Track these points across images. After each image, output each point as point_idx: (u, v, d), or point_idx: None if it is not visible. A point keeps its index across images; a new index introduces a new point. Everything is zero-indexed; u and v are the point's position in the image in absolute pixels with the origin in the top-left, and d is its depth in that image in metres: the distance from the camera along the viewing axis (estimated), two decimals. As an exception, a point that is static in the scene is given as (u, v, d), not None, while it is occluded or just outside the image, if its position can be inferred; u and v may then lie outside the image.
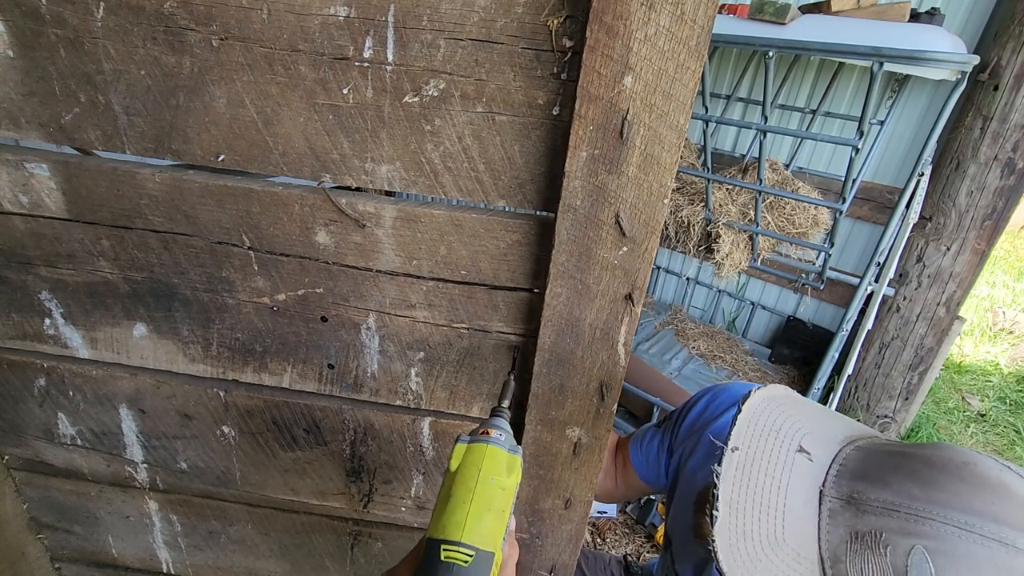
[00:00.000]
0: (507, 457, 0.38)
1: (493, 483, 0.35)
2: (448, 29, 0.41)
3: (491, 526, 0.34)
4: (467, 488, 0.35)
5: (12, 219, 0.54)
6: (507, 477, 0.37)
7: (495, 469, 0.36)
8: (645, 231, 0.43)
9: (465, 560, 0.31)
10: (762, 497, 0.34)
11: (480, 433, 0.39)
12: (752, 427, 0.37)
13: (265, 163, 0.48)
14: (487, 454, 0.37)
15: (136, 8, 0.43)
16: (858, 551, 0.31)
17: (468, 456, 0.37)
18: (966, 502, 0.30)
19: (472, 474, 0.36)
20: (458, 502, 0.34)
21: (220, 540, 0.74)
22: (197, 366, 0.60)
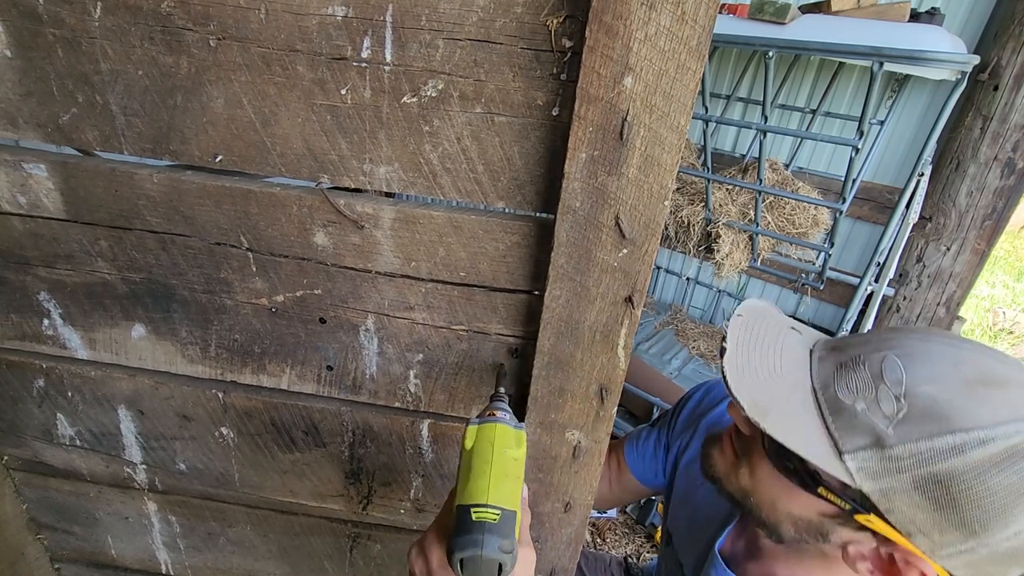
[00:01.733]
0: (514, 432, 0.42)
1: (506, 454, 0.40)
2: (447, 29, 0.41)
3: (511, 489, 0.38)
4: (485, 460, 0.39)
5: (10, 219, 0.54)
6: (517, 449, 0.41)
7: (506, 443, 0.40)
8: (645, 233, 0.43)
9: (494, 518, 0.35)
10: (763, 344, 0.42)
11: (487, 415, 0.43)
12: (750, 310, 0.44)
13: (263, 164, 0.48)
14: (497, 431, 0.41)
15: (133, 8, 0.43)
16: (843, 373, 0.39)
17: (480, 434, 0.41)
18: (920, 331, 0.40)
19: (487, 448, 0.40)
20: (479, 472, 0.38)
21: (219, 541, 0.74)
22: (195, 367, 0.60)
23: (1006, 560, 0.35)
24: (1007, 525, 0.33)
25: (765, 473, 0.43)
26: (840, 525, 0.40)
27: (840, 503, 0.38)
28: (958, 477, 0.33)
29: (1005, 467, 0.32)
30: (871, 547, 0.39)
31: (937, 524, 0.34)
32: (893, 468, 0.34)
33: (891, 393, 0.35)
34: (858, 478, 0.36)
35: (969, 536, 0.34)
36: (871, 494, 0.36)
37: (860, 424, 0.36)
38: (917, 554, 0.36)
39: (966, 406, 0.33)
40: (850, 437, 0.36)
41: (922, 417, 0.34)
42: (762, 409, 0.38)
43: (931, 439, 0.33)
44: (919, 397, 0.34)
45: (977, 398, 0.33)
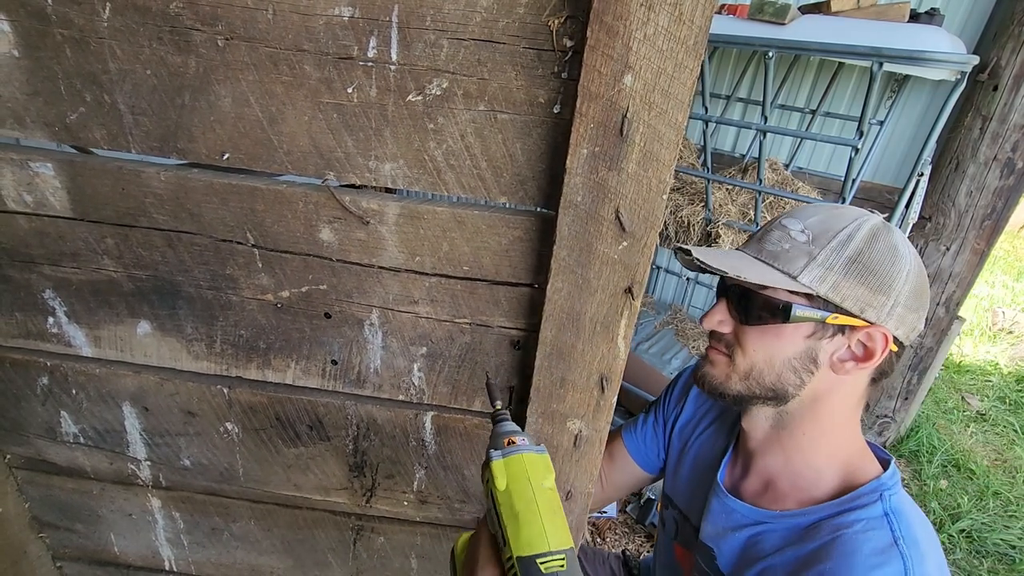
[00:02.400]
0: (541, 459, 0.40)
1: (545, 487, 0.38)
2: (451, 29, 0.42)
3: (561, 526, 0.37)
4: (529, 500, 0.37)
5: (16, 218, 0.54)
6: (550, 477, 0.39)
7: (540, 474, 0.38)
8: (645, 226, 0.44)
9: (562, 565, 0.34)
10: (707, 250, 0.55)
11: (507, 444, 0.41)
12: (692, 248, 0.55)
13: (270, 161, 0.48)
14: (527, 463, 0.39)
15: (142, 8, 0.44)
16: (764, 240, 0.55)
17: (511, 471, 0.39)
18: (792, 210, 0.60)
19: (526, 487, 0.38)
20: (528, 517, 0.36)
21: (223, 537, 0.74)
22: (201, 363, 0.61)
23: (913, 303, 0.51)
24: (899, 273, 0.50)
25: (753, 341, 0.54)
26: (820, 339, 0.52)
27: (813, 316, 0.51)
28: (860, 253, 0.50)
29: (875, 240, 0.51)
30: (846, 347, 0.52)
31: (870, 291, 0.50)
32: (827, 267, 0.50)
33: (797, 230, 0.53)
34: (813, 285, 0.50)
35: (888, 291, 0.50)
36: (827, 295, 0.50)
37: (793, 255, 0.51)
38: (874, 325, 0.50)
39: (836, 218, 0.53)
40: (793, 264, 0.51)
41: (821, 233, 0.52)
42: (737, 269, 0.51)
43: (833, 239, 0.51)
44: (812, 225, 0.53)
45: (835, 215, 0.53)
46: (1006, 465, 2.15)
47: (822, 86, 1.98)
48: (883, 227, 0.53)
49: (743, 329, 0.54)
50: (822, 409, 0.54)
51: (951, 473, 2.06)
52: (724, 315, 0.56)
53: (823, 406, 0.54)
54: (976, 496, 1.94)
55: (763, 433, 0.59)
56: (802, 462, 0.56)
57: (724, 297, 0.57)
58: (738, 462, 0.64)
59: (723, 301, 0.57)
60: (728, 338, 0.57)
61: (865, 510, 0.50)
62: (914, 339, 0.54)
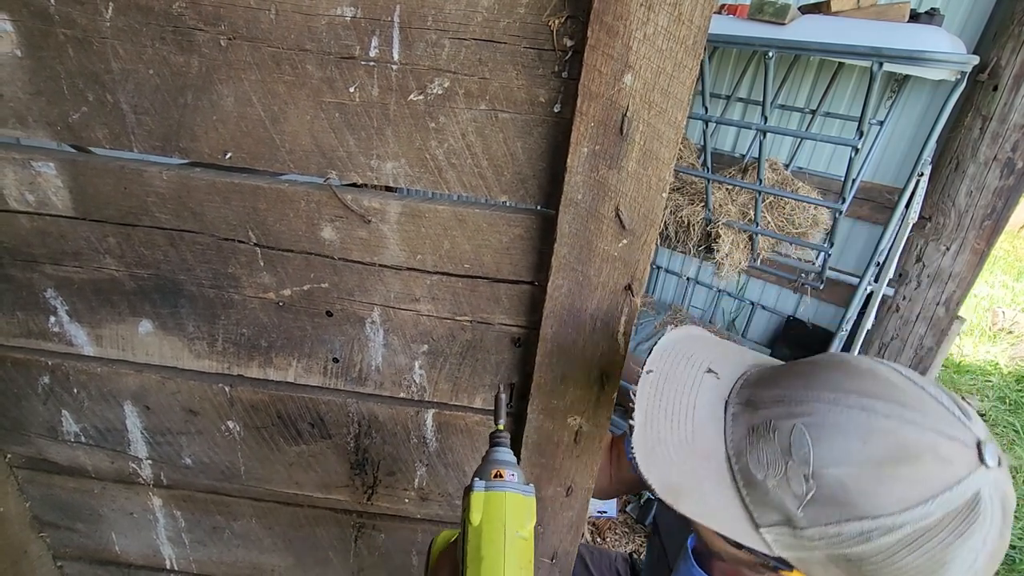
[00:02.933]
0: (525, 503, 0.38)
1: (519, 536, 0.35)
2: (452, 29, 0.42)
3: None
4: (497, 548, 0.35)
5: (18, 217, 0.55)
6: (529, 524, 0.37)
7: (519, 520, 0.36)
8: (644, 224, 0.44)
9: None
10: (674, 409, 0.39)
11: (493, 476, 0.38)
12: (666, 354, 0.42)
13: (272, 160, 0.49)
14: (508, 504, 0.36)
15: (145, 8, 0.44)
16: (754, 442, 0.37)
17: (489, 508, 0.36)
18: (835, 383, 0.36)
19: (498, 530, 0.35)
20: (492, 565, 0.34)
21: (224, 535, 0.74)
22: (202, 362, 0.61)
23: None
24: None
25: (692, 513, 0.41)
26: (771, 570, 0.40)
27: (765, 560, 0.38)
28: (868, 560, 0.33)
29: (913, 548, 0.32)
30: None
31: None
32: (806, 546, 0.35)
33: (799, 472, 0.34)
34: (775, 548, 0.36)
35: None
36: (790, 559, 0.36)
37: (772, 501, 0.35)
38: None
39: (875, 491, 0.32)
40: (764, 512, 0.36)
41: (829, 501, 0.33)
42: (675, 491, 0.37)
43: (839, 524, 0.33)
44: (826, 479, 0.33)
45: (885, 482, 0.32)
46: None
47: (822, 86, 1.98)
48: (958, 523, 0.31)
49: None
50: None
51: (951, 473, 2.06)
52: None
53: None
54: (976, 496, 1.93)
55: None
56: None
57: None
58: None
59: None
60: None
61: None
62: None
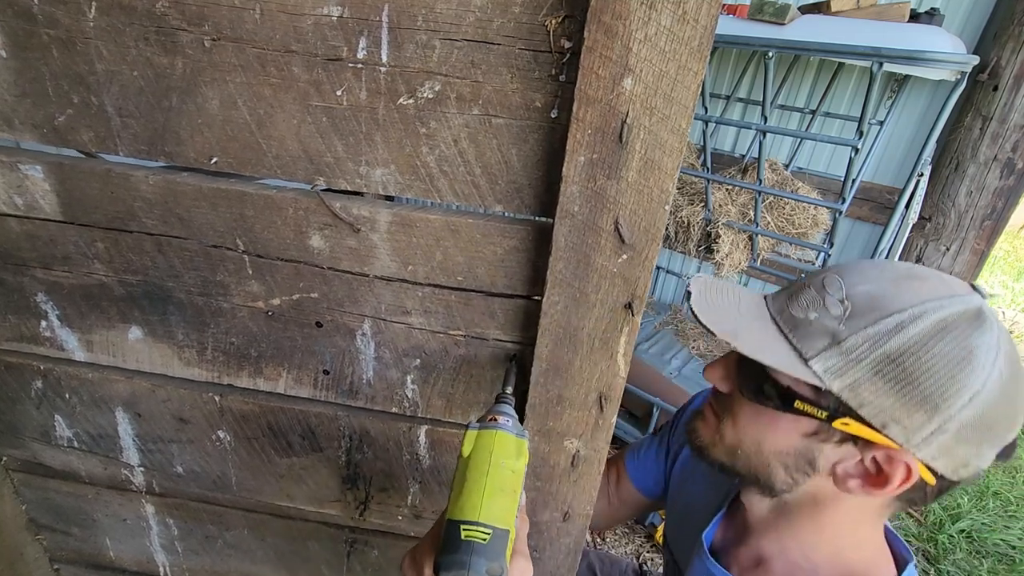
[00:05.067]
0: (515, 441, 0.40)
1: (504, 466, 0.37)
2: (443, 30, 0.40)
3: (504, 506, 0.36)
4: (480, 472, 0.37)
5: (7, 221, 0.54)
6: (516, 460, 0.39)
7: (505, 453, 0.38)
8: (645, 238, 0.42)
9: (483, 538, 0.34)
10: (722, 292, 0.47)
11: (488, 420, 0.41)
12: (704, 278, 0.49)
13: (259, 166, 0.47)
14: (496, 439, 0.39)
15: (128, 8, 0.42)
16: (793, 297, 0.44)
17: (479, 442, 0.39)
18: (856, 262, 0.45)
19: (484, 458, 0.38)
20: (473, 485, 0.36)
21: (216, 545, 0.74)
22: (192, 370, 0.60)
23: (974, 436, 0.37)
24: (959, 392, 0.36)
25: (746, 418, 0.46)
26: (823, 442, 0.42)
27: (817, 413, 0.40)
28: (907, 351, 0.37)
29: (940, 337, 0.37)
30: (856, 460, 0.42)
31: (903, 405, 0.37)
32: (852, 359, 0.39)
33: (835, 298, 0.41)
34: (826, 379, 0.39)
35: (932, 412, 0.37)
36: (840, 392, 0.39)
37: (816, 330, 0.41)
38: (895, 447, 0.39)
39: (896, 294, 0.39)
40: (810, 343, 0.40)
41: (864, 310, 0.39)
42: (732, 333, 0.42)
43: (875, 324, 0.38)
44: (858, 296, 0.40)
45: (903, 288, 0.40)
46: (1006, 465, 2.12)
47: (822, 86, 1.95)
48: (970, 320, 0.37)
49: (739, 400, 0.46)
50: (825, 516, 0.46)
51: (956, 477, 2.04)
52: (726, 371, 0.47)
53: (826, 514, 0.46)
54: (976, 496, 1.92)
55: (760, 514, 0.51)
56: (800, 556, 0.49)
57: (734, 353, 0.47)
58: (732, 526, 0.57)
59: (731, 358, 0.48)
60: (724, 400, 0.48)
61: None
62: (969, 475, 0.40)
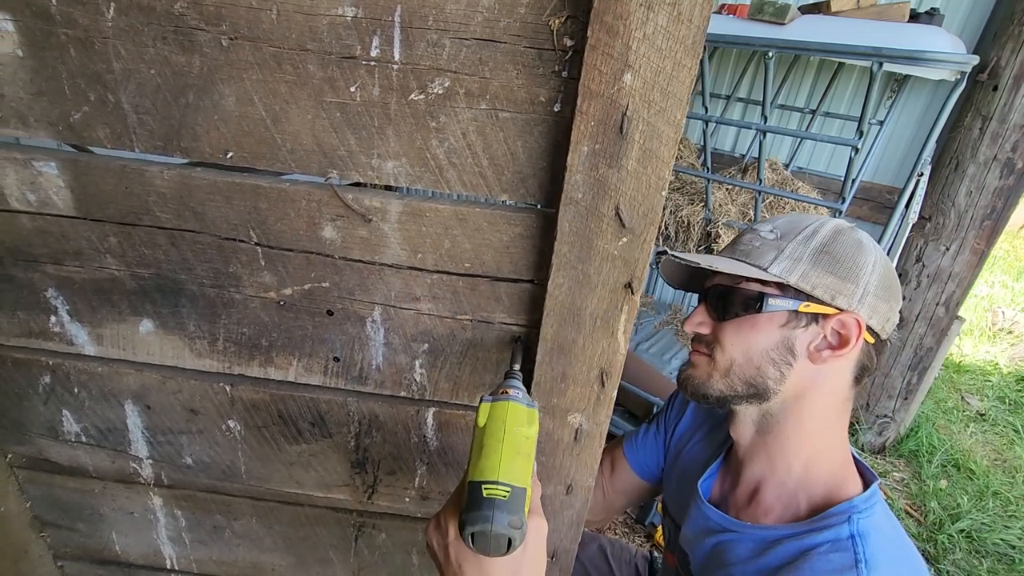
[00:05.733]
0: (527, 411, 0.43)
1: (518, 432, 0.40)
2: (453, 29, 0.42)
3: (521, 466, 0.39)
4: (496, 438, 0.40)
5: (19, 217, 0.55)
6: (529, 427, 0.42)
7: (518, 421, 0.41)
8: (644, 222, 0.44)
9: (504, 495, 0.36)
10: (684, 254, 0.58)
11: (500, 393, 0.44)
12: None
13: (273, 160, 0.49)
14: (509, 409, 0.42)
15: (147, 8, 0.44)
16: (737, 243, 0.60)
17: (493, 412, 0.42)
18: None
19: (499, 426, 0.40)
20: (491, 450, 0.39)
21: (224, 534, 0.74)
22: (203, 361, 0.61)
23: (884, 294, 0.53)
24: (866, 264, 0.53)
25: (731, 335, 0.56)
26: (794, 329, 0.54)
27: (786, 305, 0.53)
28: (826, 244, 0.54)
29: (840, 235, 0.54)
30: (821, 336, 0.54)
31: (838, 279, 0.52)
32: (795, 258, 0.53)
33: (766, 229, 0.57)
34: (783, 276, 0.53)
35: (856, 279, 0.52)
36: (797, 284, 0.52)
37: (763, 250, 0.55)
38: (846, 311, 0.52)
39: (799, 219, 0.57)
40: (763, 258, 0.54)
41: (788, 230, 0.56)
42: (710, 264, 0.53)
43: (799, 234, 0.55)
44: (780, 225, 0.57)
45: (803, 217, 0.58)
46: (1006, 465, 2.15)
47: (822, 86, 1.98)
48: (847, 226, 0.56)
49: (721, 327, 0.57)
50: (805, 408, 0.55)
51: (951, 473, 2.06)
52: (703, 317, 0.59)
53: (806, 404, 0.55)
54: (976, 496, 1.94)
55: (749, 438, 0.60)
56: (785, 468, 0.57)
57: (703, 301, 0.60)
58: (728, 474, 0.64)
59: (702, 305, 0.60)
60: (708, 338, 0.59)
61: (832, 531, 0.50)
62: (891, 332, 0.56)
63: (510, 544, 0.36)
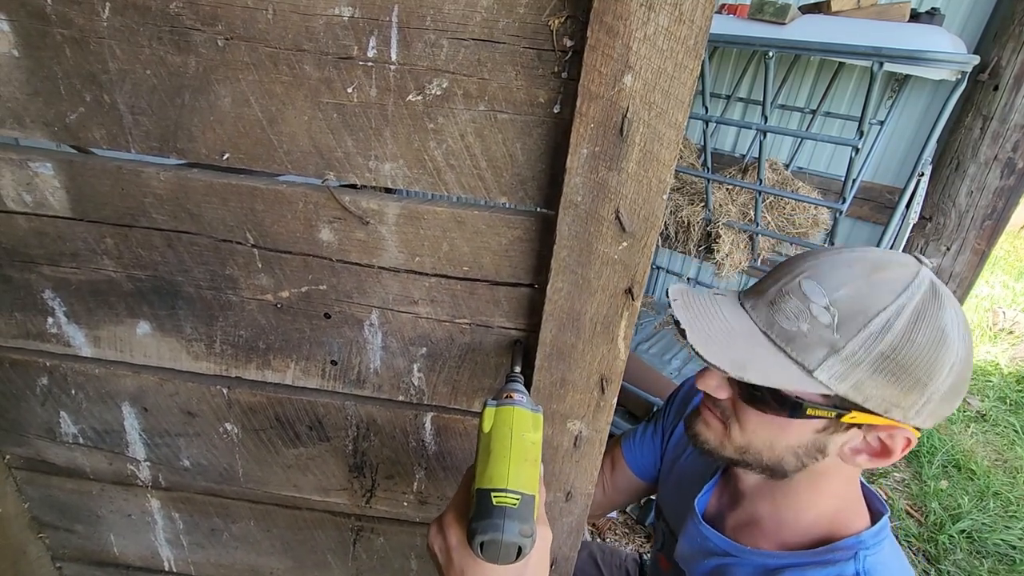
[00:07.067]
0: (531, 416, 0.42)
1: (525, 438, 0.40)
2: (451, 29, 0.42)
3: (529, 473, 0.38)
4: (504, 445, 0.39)
5: (15, 218, 0.54)
6: (534, 432, 0.41)
7: (524, 426, 0.41)
8: (645, 226, 0.44)
9: (514, 503, 0.36)
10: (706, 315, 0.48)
11: (504, 397, 0.43)
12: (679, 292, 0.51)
13: (270, 161, 0.48)
14: (515, 414, 0.41)
15: (142, 8, 0.44)
16: (777, 307, 0.46)
17: (498, 417, 0.41)
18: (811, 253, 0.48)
19: (505, 432, 0.40)
20: (499, 456, 0.38)
21: (222, 537, 0.74)
22: (200, 363, 0.61)
23: (952, 395, 0.44)
24: (942, 368, 0.42)
25: (754, 423, 0.48)
26: (832, 434, 0.46)
27: (827, 414, 0.44)
28: (897, 347, 0.41)
29: (919, 326, 0.42)
30: (861, 439, 0.46)
31: (901, 391, 0.42)
32: (853, 363, 0.42)
33: (820, 306, 0.43)
34: (832, 385, 0.42)
35: (923, 389, 0.42)
36: (846, 394, 0.43)
37: (812, 341, 0.43)
38: (897, 425, 0.44)
39: (872, 293, 0.43)
40: (811, 354, 0.43)
41: (851, 314, 0.42)
42: (739, 364, 0.44)
43: (866, 327, 0.42)
44: (841, 300, 0.43)
45: (876, 284, 0.43)
46: (1007, 465, 2.15)
47: (822, 86, 1.98)
48: (932, 301, 0.42)
49: (743, 407, 0.48)
50: (822, 482, 0.50)
51: (951, 473, 2.06)
52: (721, 380, 0.49)
53: (824, 480, 0.50)
54: (976, 496, 1.94)
55: (755, 483, 0.55)
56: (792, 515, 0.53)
57: None
58: (726, 492, 0.61)
59: None
60: (725, 405, 0.50)
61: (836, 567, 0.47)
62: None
63: (519, 552, 0.35)
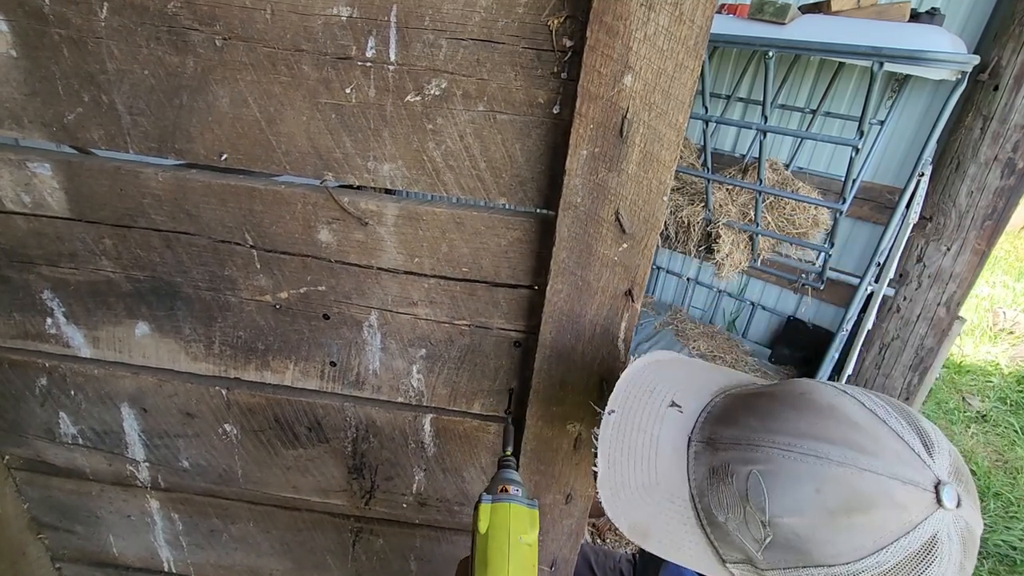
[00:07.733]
0: (528, 513, 0.41)
1: (522, 542, 0.39)
2: (450, 29, 0.42)
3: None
4: (502, 553, 0.38)
5: (14, 219, 0.54)
6: (531, 532, 0.40)
7: (521, 527, 0.40)
8: (645, 228, 0.43)
9: None
10: (638, 450, 0.39)
11: (499, 491, 0.42)
12: (629, 389, 0.41)
13: (268, 162, 0.48)
14: (512, 513, 0.40)
15: (140, 8, 0.43)
16: (714, 485, 0.37)
17: (494, 518, 0.40)
18: (792, 426, 0.36)
19: (503, 536, 0.39)
20: (497, 566, 0.38)
21: (222, 538, 0.74)
22: (199, 364, 0.61)
23: None
24: None
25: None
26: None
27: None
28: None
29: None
30: None
31: None
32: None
33: (756, 518, 0.35)
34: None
35: None
36: None
37: (733, 541, 0.36)
38: None
39: (831, 540, 0.33)
40: (728, 550, 0.37)
41: (786, 547, 0.34)
42: (642, 532, 0.38)
43: (797, 570, 0.34)
44: (782, 527, 0.34)
45: (841, 531, 0.33)
46: (1007, 466, 2.14)
47: (822, 86, 1.98)
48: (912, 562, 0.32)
49: None
50: None
51: (952, 474, 2.05)
52: None
53: None
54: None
55: None
56: None
57: None
58: None
59: None
60: None
61: None
62: None
63: None
